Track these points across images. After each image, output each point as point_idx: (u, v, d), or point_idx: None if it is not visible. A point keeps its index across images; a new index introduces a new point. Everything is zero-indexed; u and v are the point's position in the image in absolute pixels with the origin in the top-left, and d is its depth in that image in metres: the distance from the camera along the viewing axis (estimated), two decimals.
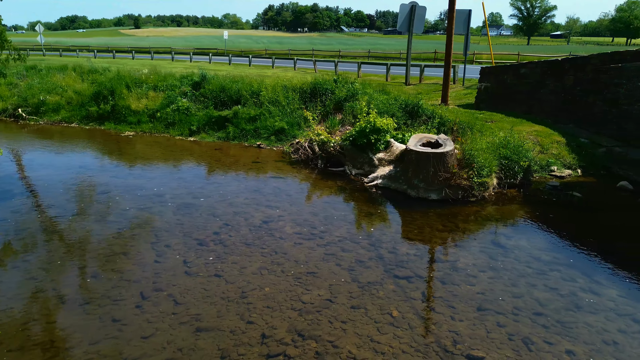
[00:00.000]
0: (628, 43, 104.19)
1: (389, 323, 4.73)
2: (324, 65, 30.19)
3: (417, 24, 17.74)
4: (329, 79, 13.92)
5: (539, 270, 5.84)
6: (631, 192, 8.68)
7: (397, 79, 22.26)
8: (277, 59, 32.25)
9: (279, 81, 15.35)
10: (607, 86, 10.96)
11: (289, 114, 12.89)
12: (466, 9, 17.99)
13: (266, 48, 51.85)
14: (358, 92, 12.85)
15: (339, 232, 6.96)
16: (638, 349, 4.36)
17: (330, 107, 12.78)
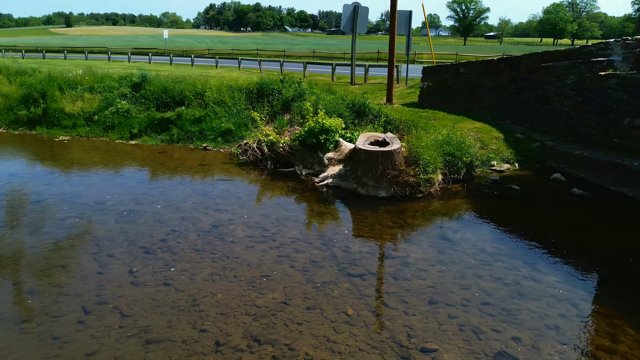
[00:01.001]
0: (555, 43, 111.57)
1: (345, 322, 4.75)
2: (269, 65, 29.98)
3: (360, 24, 18.01)
4: (275, 79, 13.82)
5: (484, 262, 6.09)
6: (564, 184, 9.27)
7: (342, 79, 22.51)
8: (220, 59, 31.65)
9: (224, 81, 15.06)
10: (539, 84, 11.63)
11: (235, 115, 12.66)
12: (407, 10, 18.48)
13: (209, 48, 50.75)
14: (305, 92, 12.85)
15: (291, 233, 6.92)
16: (577, 332, 4.64)
17: (277, 107, 12.69)
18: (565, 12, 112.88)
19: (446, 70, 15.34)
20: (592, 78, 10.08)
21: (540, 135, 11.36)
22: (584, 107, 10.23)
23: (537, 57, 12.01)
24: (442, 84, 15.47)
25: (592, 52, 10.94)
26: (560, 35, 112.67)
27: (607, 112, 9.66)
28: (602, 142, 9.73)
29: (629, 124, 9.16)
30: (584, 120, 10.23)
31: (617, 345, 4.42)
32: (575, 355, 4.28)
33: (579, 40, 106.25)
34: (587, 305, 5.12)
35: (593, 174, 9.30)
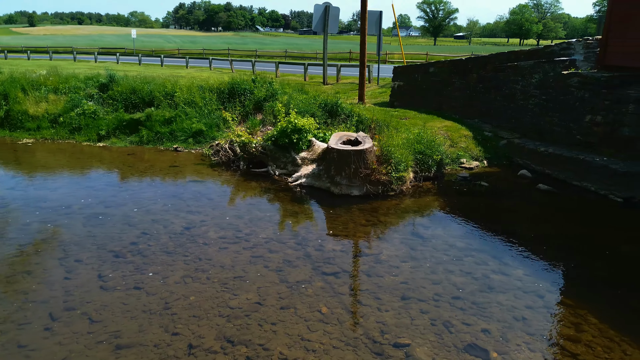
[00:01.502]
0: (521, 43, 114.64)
1: (319, 320, 4.77)
2: (240, 65, 29.77)
3: (331, 24, 18.08)
4: (247, 79, 13.73)
5: (455, 257, 6.22)
6: (530, 179, 9.55)
7: (315, 79, 22.57)
8: (191, 59, 31.25)
9: (195, 81, 14.86)
10: (505, 83, 11.94)
11: (206, 115, 12.52)
12: (377, 10, 18.67)
13: (179, 47, 49.97)
14: (277, 92, 12.81)
15: (265, 233, 6.89)
16: (543, 322, 4.80)
17: (249, 107, 12.62)
18: (531, 13, 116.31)
19: (416, 70, 15.58)
20: (555, 77, 10.42)
21: (507, 133, 11.67)
22: (548, 105, 10.57)
23: (503, 57, 12.34)
24: (412, 84, 15.70)
25: (556, 52, 11.31)
26: (526, 36, 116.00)
27: (570, 110, 10.00)
28: (566, 139, 10.07)
29: (590, 121, 9.51)
30: (548, 117, 10.56)
31: (581, 334, 4.59)
32: (542, 345, 4.42)
33: (544, 41, 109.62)
34: (553, 296, 5.30)
35: (558, 170, 9.62)
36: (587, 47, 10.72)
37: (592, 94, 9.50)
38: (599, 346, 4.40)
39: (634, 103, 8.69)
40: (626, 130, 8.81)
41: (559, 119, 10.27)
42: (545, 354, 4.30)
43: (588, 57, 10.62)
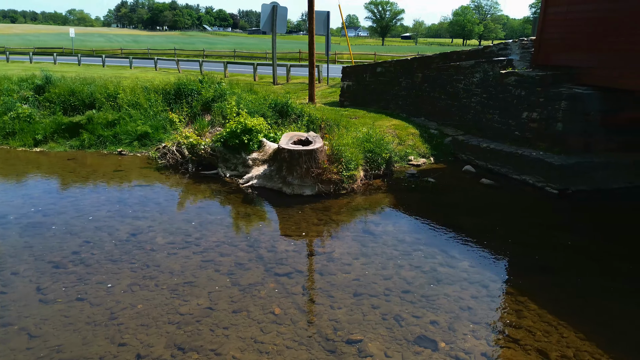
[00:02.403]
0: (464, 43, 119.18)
1: (272, 321, 4.75)
2: (187, 65, 29.08)
3: (279, 24, 18.03)
4: (194, 79, 13.42)
5: (404, 252, 6.38)
6: (474, 174, 9.96)
7: (265, 79, 22.41)
8: (135, 59, 30.16)
9: (139, 82, 14.36)
10: (449, 82, 12.38)
11: (152, 117, 12.13)
12: (325, 11, 18.79)
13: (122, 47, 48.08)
14: (226, 92, 12.62)
15: (215, 237, 6.77)
16: (487, 311, 5.02)
17: (197, 108, 12.34)
18: (472, 14, 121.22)
19: (364, 70, 15.83)
20: (494, 76, 10.92)
21: (452, 130, 12.10)
22: (489, 102, 11.06)
23: (446, 57, 12.78)
24: (361, 83, 15.94)
25: (494, 52, 11.86)
26: (469, 36, 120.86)
27: (509, 107, 10.52)
28: (505, 134, 10.58)
29: (527, 117, 10.05)
30: (490, 115, 11.05)
31: (522, 320, 4.85)
32: (487, 333, 4.62)
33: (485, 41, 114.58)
34: (496, 285, 5.56)
35: (499, 165, 10.09)
36: (522, 47, 11.31)
37: (528, 91, 10.04)
38: (538, 331, 4.66)
39: (565, 100, 9.26)
40: (559, 126, 9.37)
41: (499, 116, 10.77)
42: (489, 341, 4.50)
43: (524, 57, 11.21)
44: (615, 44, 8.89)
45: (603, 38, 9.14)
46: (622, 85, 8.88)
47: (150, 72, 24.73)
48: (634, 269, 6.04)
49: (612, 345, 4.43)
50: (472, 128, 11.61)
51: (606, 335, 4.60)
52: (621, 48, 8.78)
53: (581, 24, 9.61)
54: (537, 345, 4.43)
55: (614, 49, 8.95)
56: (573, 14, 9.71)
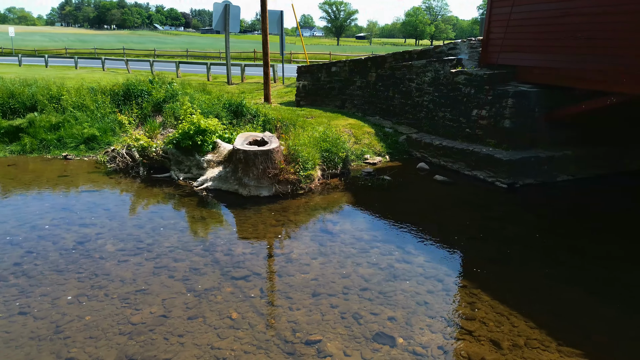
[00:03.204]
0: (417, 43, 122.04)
1: (229, 326, 4.64)
2: (137, 65, 28.17)
3: (232, 23, 17.78)
4: (144, 80, 12.98)
5: (362, 249, 6.42)
6: (428, 171, 10.19)
7: (219, 79, 22.03)
8: (81, 59, 28.89)
9: (85, 83, 13.72)
10: (402, 81, 12.60)
11: (100, 120, 11.61)
12: (278, 10, 18.69)
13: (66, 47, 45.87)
14: (178, 92, 12.28)
15: (169, 242, 6.56)
16: (443, 304, 5.13)
17: (148, 109, 11.94)
18: (424, 15, 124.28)
19: (319, 70, 15.87)
20: (445, 75, 11.21)
21: (406, 129, 12.33)
22: (440, 101, 11.35)
23: (398, 56, 13.00)
24: (317, 83, 15.97)
25: (444, 52, 12.17)
26: (421, 37, 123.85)
27: (459, 105, 10.83)
28: (457, 132, 10.89)
29: (477, 115, 10.38)
30: (442, 113, 11.34)
31: (475, 311, 4.98)
32: (442, 326, 4.72)
33: (437, 41, 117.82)
34: (451, 279, 5.69)
35: (451, 161, 10.37)
36: (471, 47, 11.68)
37: (477, 90, 10.37)
38: (491, 321, 4.81)
39: (512, 97, 9.64)
40: (507, 123, 9.74)
41: (451, 113, 11.07)
42: (445, 334, 4.59)
43: (472, 56, 11.57)
44: (555, 43, 9.33)
45: (543, 38, 9.58)
46: (563, 83, 9.34)
47: (98, 72, 23.74)
48: (577, 259, 6.36)
49: (560, 332, 4.63)
50: (425, 126, 11.87)
51: (554, 322, 4.80)
52: (560, 47, 9.23)
53: (524, 25, 10.03)
54: (490, 336, 4.57)
55: (553, 48, 9.39)
56: (516, 15, 10.12)
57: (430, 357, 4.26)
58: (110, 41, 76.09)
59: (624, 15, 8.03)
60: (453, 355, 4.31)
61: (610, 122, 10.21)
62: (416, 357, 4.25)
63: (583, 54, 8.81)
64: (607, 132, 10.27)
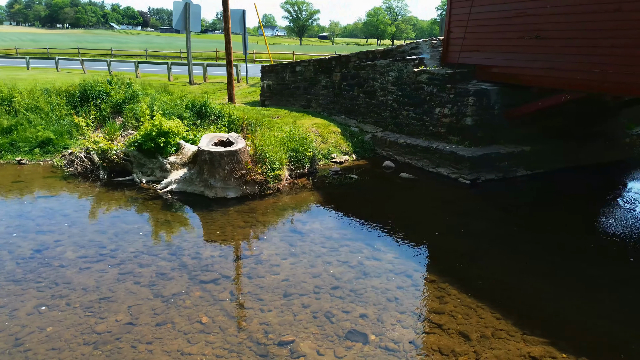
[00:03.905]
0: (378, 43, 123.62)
1: (199, 331, 4.55)
2: (94, 65, 27.24)
3: (193, 22, 17.46)
4: (102, 80, 12.54)
5: (332, 248, 6.44)
6: (393, 169, 10.33)
7: (180, 79, 21.58)
8: (33, 59, 27.63)
9: (39, 84, 13.12)
10: (366, 81, 12.72)
11: (55, 122, 11.13)
12: (240, 9, 18.51)
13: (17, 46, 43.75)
14: (138, 93, 11.94)
15: (133, 247, 6.36)
16: (412, 299, 5.21)
17: (107, 111, 11.55)
18: (385, 15, 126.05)
19: (284, 69, 15.80)
20: (408, 74, 11.39)
21: (371, 127, 12.46)
22: (404, 100, 11.53)
23: (362, 56, 13.12)
24: (281, 83, 15.90)
25: (407, 51, 12.38)
26: (382, 36, 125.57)
27: (422, 104, 11.04)
28: (421, 130, 11.10)
29: (440, 113, 10.61)
30: (405, 111, 11.53)
31: (444, 305, 5.09)
32: (413, 321, 4.79)
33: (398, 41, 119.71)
34: (419, 274, 5.79)
35: (416, 159, 10.55)
36: (432, 47, 11.93)
37: (439, 88, 10.60)
38: (459, 314, 4.92)
39: (473, 96, 9.90)
40: (469, 120, 10.00)
41: (414, 112, 11.27)
42: (416, 329, 4.67)
43: (434, 55, 11.82)
44: (511, 43, 9.65)
45: (500, 38, 9.90)
46: (519, 81, 9.68)
47: (52, 73, 22.76)
48: (539, 250, 6.61)
49: (524, 322, 4.80)
50: (390, 125, 12.04)
51: (519, 312, 4.97)
52: (516, 47, 9.56)
53: (482, 25, 10.33)
54: (459, 328, 4.68)
55: (510, 48, 9.72)
56: (475, 16, 10.41)
57: (402, 352, 4.32)
58: (64, 40, 73.13)
59: (574, 15, 8.40)
60: (424, 349, 4.38)
61: (566, 118, 10.68)
62: (388, 352, 4.30)
63: (537, 53, 9.16)
64: (563, 129, 10.73)
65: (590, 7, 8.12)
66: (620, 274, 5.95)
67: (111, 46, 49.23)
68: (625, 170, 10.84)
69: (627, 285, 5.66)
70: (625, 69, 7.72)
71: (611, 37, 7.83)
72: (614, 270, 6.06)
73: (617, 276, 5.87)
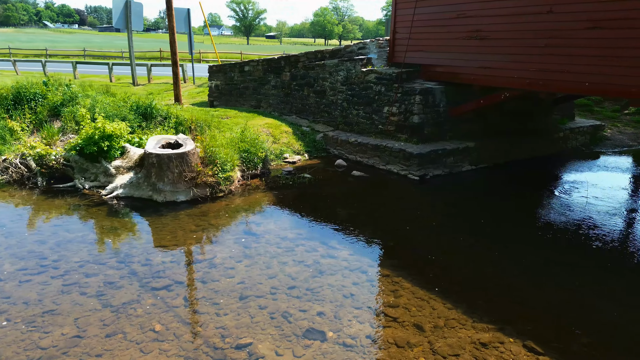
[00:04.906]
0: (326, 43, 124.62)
1: (153, 339, 4.40)
2: (27, 66, 25.70)
3: (135, 20, 16.87)
4: (37, 82, 11.81)
5: (287, 248, 6.43)
6: (345, 168, 10.46)
7: (123, 80, 20.77)
8: None
9: None
10: (316, 80, 12.79)
11: None
12: (185, 8, 18.08)
13: None
14: (78, 95, 11.35)
15: (78, 256, 6.06)
16: (368, 295, 5.30)
17: (43, 114, 10.89)
18: (332, 15, 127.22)
19: (232, 69, 15.59)
20: (357, 74, 11.57)
21: (322, 127, 12.54)
22: (354, 99, 11.70)
23: (311, 56, 13.18)
24: (230, 83, 15.67)
25: (355, 51, 12.57)
26: (330, 36, 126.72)
27: (371, 103, 11.25)
28: (371, 128, 11.30)
29: (388, 112, 10.86)
30: (355, 110, 11.70)
31: (398, 299, 5.22)
32: (369, 316, 4.88)
33: (345, 41, 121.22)
34: (374, 270, 5.91)
35: (367, 157, 10.74)
36: (379, 47, 12.18)
37: (387, 88, 10.84)
38: (413, 307, 5.07)
39: (419, 94, 10.21)
40: (416, 119, 10.30)
41: (364, 111, 11.46)
42: (372, 323, 4.76)
43: (381, 55, 12.08)
44: (452, 43, 10.04)
45: (443, 38, 10.27)
46: (462, 80, 10.09)
47: None
48: (485, 241, 6.92)
49: (474, 310, 5.01)
50: (340, 124, 12.17)
51: (467, 302, 5.18)
52: (457, 47, 9.96)
53: (426, 26, 10.67)
54: (413, 320, 4.82)
55: (452, 48, 10.11)
56: (419, 17, 10.74)
57: (360, 347, 4.39)
58: None
59: (511, 17, 8.87)
60: (380, 342, 4.48)
61: (505, 115, 11.24)
62: (346, 348, 4.36)
63: (477, 53, 9.59)
64: (503, 125, 11.29)
65: (524, 9, 8.61)
66: (557, 258, 6.34)
67: (46, 45, 46.59)
68: (559, 163, 11.57)
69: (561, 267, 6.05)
70: (558, 67, 8.23)
71: (545, 37, 8.34)
72: (553, 254, 6.45)
73: (557, 260, 6.25)
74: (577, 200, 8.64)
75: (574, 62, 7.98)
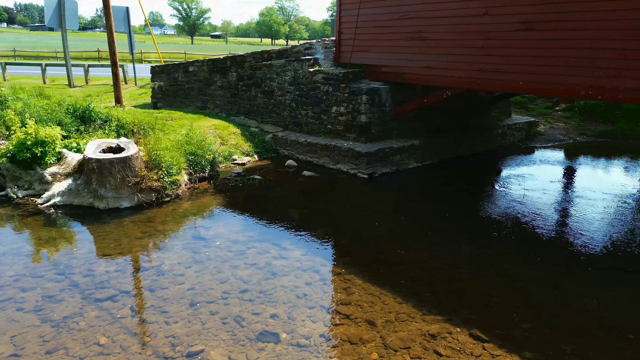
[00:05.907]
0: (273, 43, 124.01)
1: (98, 353, 4.21)
2: None
3: (69, 19, 16.05)
4: None
5: (238, 252, 6.35)
6: (296, 168, 10.47)
7: (57, 81, 19.69)
8: None
9: None
10: (263, 81, 12.70)
11: None
12: (123, 6, 17.40)
13: None
14: (8, 98, 10.62)
15: (12, 270, 5.68)
16: (321, 294, 5.34)
17: None
18: (277, 15, 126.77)
19: (176, 70, 15.17)
20: (304, 74, 11.60)
21: (271, 127, 12.47)
22: (302, 99, 11.73)
23: (258, 56, 13.07)
24: (174, 84, 15.24)
25: (301, 52, 12.59)
26: (276, 36, 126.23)
27: (319, 103, 11.32)
28: (320, 128, 11.37)
29: (336, 111, 10.97)
30: (304, 111, 11.73)
31: (350, 296, 5.29)
32: (322, 315, 4.92)
33: (292, 41, 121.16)
34: (326, 268, 5.95)
35: (317, 157, 10.80)
36: (325, 47, 12.27)
37: (334, 88, 10.95)
38: (365, 303, 5.15)
39: (366, 94, 10.39)
40: (363, 118, 10.48)
41: (312, 111, 11.52)
42: (325, 322, 4.80)
43: (327, 56, 12.17)
44: (395, 44, 10.31)
45: (386, 39, 10.52)
46: (405, 80, 10.37)
47: None
48: (429, 236, 7.15)
49: (423, 303, 5.17)
50: (290, 124, 12.16)
51: (416, 296, 5.34)
52: (400, 47, 10.23)
53: (370, 27, 10.87)
54: (366, 316, 4.90)
55: (395, 48, 10.37)
56: (363, 17, 10.92)
57: (314, 346, 4.41)
58: None
59: (450, 18, 9.21)
60: (334, 340, 4.52)
61: (448, 113, 11.67)
62: (300, 349, 4.36)
63: (420, 53, 9.89)
64: (446, 122, 11.72)
65: (462, 12, 8.97)
66: (498, 248, 6.67)
67: None
68: (497, 158, 12.16)
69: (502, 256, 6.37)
70: (495, 67, 8.65)
71: (482, 38, 8.73)
72: (494, 244, 6.77)
73: (498, 250, 6.57)
74: (515, 193, 9.12)
75: (509, 62, 8.42)
